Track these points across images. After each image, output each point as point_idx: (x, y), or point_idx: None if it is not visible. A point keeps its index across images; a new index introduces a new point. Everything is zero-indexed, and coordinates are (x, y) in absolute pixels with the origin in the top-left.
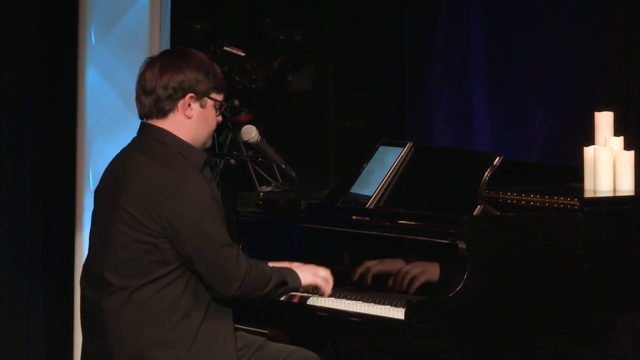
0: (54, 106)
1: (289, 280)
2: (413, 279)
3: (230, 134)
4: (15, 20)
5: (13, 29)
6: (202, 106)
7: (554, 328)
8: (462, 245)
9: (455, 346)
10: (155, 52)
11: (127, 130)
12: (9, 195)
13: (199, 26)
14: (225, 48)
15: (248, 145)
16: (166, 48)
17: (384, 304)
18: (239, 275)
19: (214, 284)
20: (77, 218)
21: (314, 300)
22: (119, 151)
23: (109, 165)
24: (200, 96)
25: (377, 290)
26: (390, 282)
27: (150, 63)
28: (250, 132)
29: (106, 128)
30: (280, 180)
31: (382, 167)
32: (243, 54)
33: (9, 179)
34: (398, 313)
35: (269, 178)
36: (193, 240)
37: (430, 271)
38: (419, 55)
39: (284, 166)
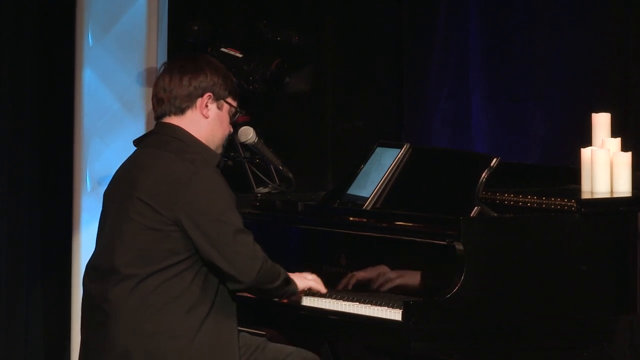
0: (52, 108)
1: (291, 282)
2: (410, 280)
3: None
4: (13, 22)
5: (11, 30)
6: (219, 108)
7: (552, 329)
8: (459, 247)
9: (453, 347)
10: (153, 53)
11: (124, 131)
12: (8, 196)
13: (196, 27)
14: (223, 49)
15: (245, 146)
16: (163, 50)
17: (381, 305)
18: (258, 260)
19: (233, 271)
20: (75, 219)
21: (311, 302)
22: (119, 153)
23: (120, 167)
24: (217, 98)
25: (374, 292)
26: (388, 284)
27: (169, 66)
28: (247, 134)
29: (103, 129)
30: (278, 182)
31: (380, 168)
32: (240, 56)
33: (7, 180)
34: (395, 314)
35: (266, 179)
36: (209, 229)
37: (428, 272)
38: (417, 56)
39: (281, 167)
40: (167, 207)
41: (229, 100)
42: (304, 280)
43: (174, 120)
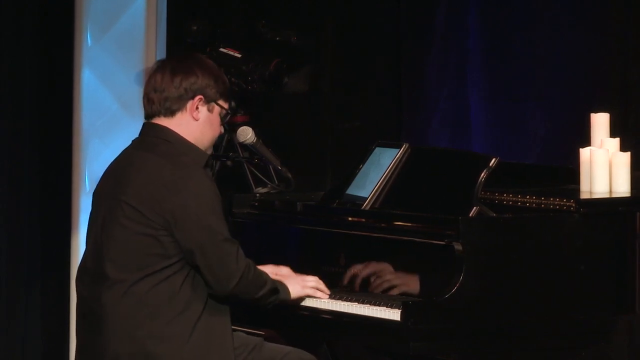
0: (51, 108)
1: (280, 290)
2: (409, 280)
3: (226, 136)
4: (13, 22)
5: (11, 30)
6: (210, 110)
7: (550, 329)
8: (458, 247)
9: (452, 347)
10: (152, 53)
11: (123, 131)
12: (8, 196)
13: (195, 27)
14: (222, 49)
15: (244, 146)
16: (162, 50)
17: (380, 305)
18: (238, 272)
19: (212, 279)
20: (74, 219)
21: (310, 302)
22: (118, 153)
23: (108, 167)
24: (208, 100)
25: (373, 292)
26: (386, 284)
27: (161, 64)
28: (246, 134)
29: (102, 129)
30: (277, 182)
31: (378, 168)
32: (239, 56)
33: (7, 180)
34: (394, 314)
35: (265, 179)
36: (195, 234)
37: (426, 272)
38: (416, 56)
39: (280, 167)
40: (155, 212)
41: (220, 102)
42: (301, 288)
43: (163, 121)
